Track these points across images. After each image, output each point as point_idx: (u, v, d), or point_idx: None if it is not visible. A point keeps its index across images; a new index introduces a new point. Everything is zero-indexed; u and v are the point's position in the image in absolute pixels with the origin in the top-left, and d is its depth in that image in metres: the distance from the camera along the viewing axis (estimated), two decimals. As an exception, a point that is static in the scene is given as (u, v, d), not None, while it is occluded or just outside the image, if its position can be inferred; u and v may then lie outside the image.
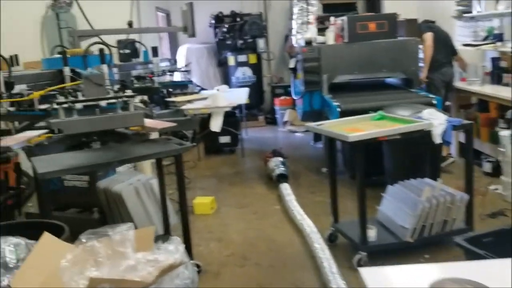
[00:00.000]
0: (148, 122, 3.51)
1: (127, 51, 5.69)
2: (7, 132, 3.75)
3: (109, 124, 3.08)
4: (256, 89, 8.92)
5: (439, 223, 3.44)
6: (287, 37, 9.16)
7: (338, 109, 4.82)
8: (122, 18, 5.92)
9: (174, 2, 9.46)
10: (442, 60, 5.68)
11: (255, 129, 8.60)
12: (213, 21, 9.10)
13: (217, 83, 9.16)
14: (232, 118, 6.92)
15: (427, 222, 3.38)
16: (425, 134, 3.40)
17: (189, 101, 4.99)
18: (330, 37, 5.51)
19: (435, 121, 3.39)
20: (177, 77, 6.91)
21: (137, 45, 5.69)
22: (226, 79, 9.36)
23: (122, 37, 5.83)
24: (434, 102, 4.74)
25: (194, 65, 9.06)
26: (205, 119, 4.79)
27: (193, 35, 4.77)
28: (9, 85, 3.45)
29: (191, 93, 6.15)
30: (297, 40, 6.00)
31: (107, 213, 4.15)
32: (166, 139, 3.52)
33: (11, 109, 3.46)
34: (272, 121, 9.17)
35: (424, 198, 3.32)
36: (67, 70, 3.65)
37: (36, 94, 3.28)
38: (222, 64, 9.42)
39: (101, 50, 3.59)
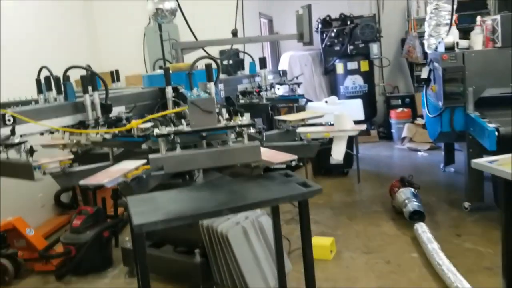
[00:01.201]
0: (263, 152, 2.81)
1: (231, 62, 5.08)
2: (105, 157, 3.26)
3: (219, 161, 2.41)
4: (367, 100, 7.94)
5: None
6: (403, 41, 8.12)
7: (496, 133, 3.77)
8: (225, 25, 5.36)
9: (277, 6, 8.86)
10: None
11: (367, 145, 7.65)
12: (319, 26, 8.30)
13: (323, 94, 8.35)
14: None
15: None
16: None
17: (303, 120, 4.23)
18: (477, 41, 4.45)
19: None
20: (281, 90, 6.19)
21: (242, 55, 5.06)
22: (333, 89, 8.52)
23: (225, 46, 5.25)
24: None
25: (298, 74, 8.31)
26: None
27: (310, 42, 4.01)
28: (106, 108, 2.92)
29: (300, 109, 5.43)
30: (429, 45, 4.99)
31: (210, 256, 3.52)
32: (284, 174, 2.80)
33: (107, 136, 2.93)
34: (386, 136, 8.15)
35: None
36: (169, 91, 3.07)
37: (134, 124, 2.71)
38: (328, 72, 8.59)
39: (207, 67, 2.94)
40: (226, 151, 2.40)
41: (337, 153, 3.66)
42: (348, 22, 8.12)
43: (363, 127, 3.59)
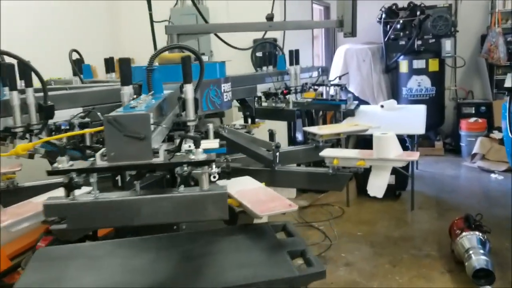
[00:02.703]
0: (252, 193, 1.90)
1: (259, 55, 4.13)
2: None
3: (155, 217, 1.50)
4: (434, 105, 6.75)
5: None
6: (483, 38, 6.79)
7: None
8: (265, 8, 4.41)
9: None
10: None
11: (429, 159, 6.46)
12: (383, 15, 7.14)
13: (382, 95, 7.21)
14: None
15: None
16: None
17: (338, 135, 3.24)
18: None
19: None
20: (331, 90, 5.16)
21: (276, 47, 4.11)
22: (394, 90, 7.36)
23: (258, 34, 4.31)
24: None
25: (353, 70, 7.25)
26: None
27: (352, 33, 3.00)
28: (45, 110, 2.09)
29: (348, 114, 4.43)
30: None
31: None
32: (282, 228, 1.88)
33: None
34: (453, 149, 6.91)
35: None
36: (127, 92, 2.16)
37: (18, 149, 1.81)
38: (389, 70, 7.43)
39: (184, 60, 2.04)
40: (168, 200, 1.50)
41: (375, 189, 2.63)
42: (418, 13, 6.90)
43: (415, 156, 2.53)
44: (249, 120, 3.49)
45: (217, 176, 1.51)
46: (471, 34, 7.17)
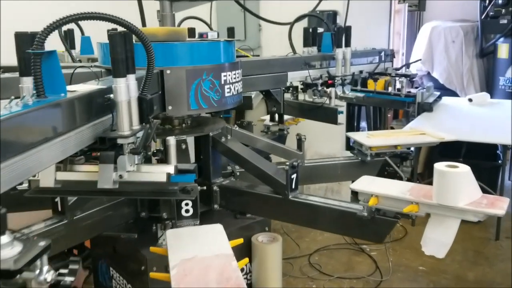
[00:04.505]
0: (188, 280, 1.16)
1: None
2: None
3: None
4: (539, 102, 5.43)
5: None
6: None
7: None
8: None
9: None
10: None
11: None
12: (482, -13, 5.86)
13: (473, 85, 6.01)
14: (487, 161, 3.92)
15: None
16: None
17: (394, 147, 2.36)
18: None
19: None
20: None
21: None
22: (489, 80, 6.09)
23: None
24: None
25: (439, 54, 6.11)
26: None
27: (421, 6, 2.08)
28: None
29: (423, 108, 3.51)
30: None
31: None
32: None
33: None
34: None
35: None
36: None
37: None
38: (485, 55, 6.15)
39: (111, 39, 1.29)
40: None
41: (434, 245, 1.73)
42: (528, -16, 5.54)
43: (500, 207, 1.58)
44: (277, 118, 2.68)
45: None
46: None
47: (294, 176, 1.89)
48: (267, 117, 2.85)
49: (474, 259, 3.42)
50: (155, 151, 1.65)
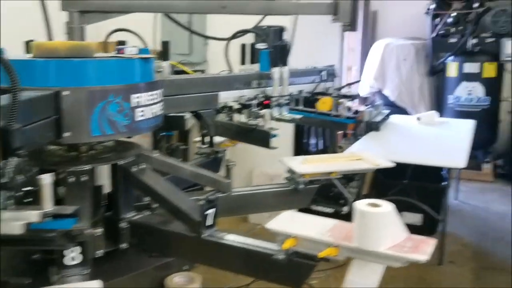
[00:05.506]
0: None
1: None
2: None
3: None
4: (487, 119, 5.56)
5: None
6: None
7: None
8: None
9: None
10: None
11: (473, 186, 5.26)
12: (433, 6, 5.90)
13: (423, 102, 6.05)
14: (432, 183, 3.87)
15: None
16: None
17: (328, 174, 2.21)
18: None
19: None
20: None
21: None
22: (438, 98, 6.14)
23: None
24: None
25: (391, 72, 6.13)
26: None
27: (352, 26, 1.93)
28: None
29: (371, 127, 3.41)
30: None
31: None
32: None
33: None
34: (506, 174, 5.68)
35: None
36: None
37: None
38: (435, 73, 6.20)
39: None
40: None
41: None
42: (476, 4, 5.61)
43: (425, 251, 1.44)
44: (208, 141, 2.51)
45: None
46: (542, 35, 5.80)
47: (211, 211, 1.70)
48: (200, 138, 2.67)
49: (417, 286, 3.32)
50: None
